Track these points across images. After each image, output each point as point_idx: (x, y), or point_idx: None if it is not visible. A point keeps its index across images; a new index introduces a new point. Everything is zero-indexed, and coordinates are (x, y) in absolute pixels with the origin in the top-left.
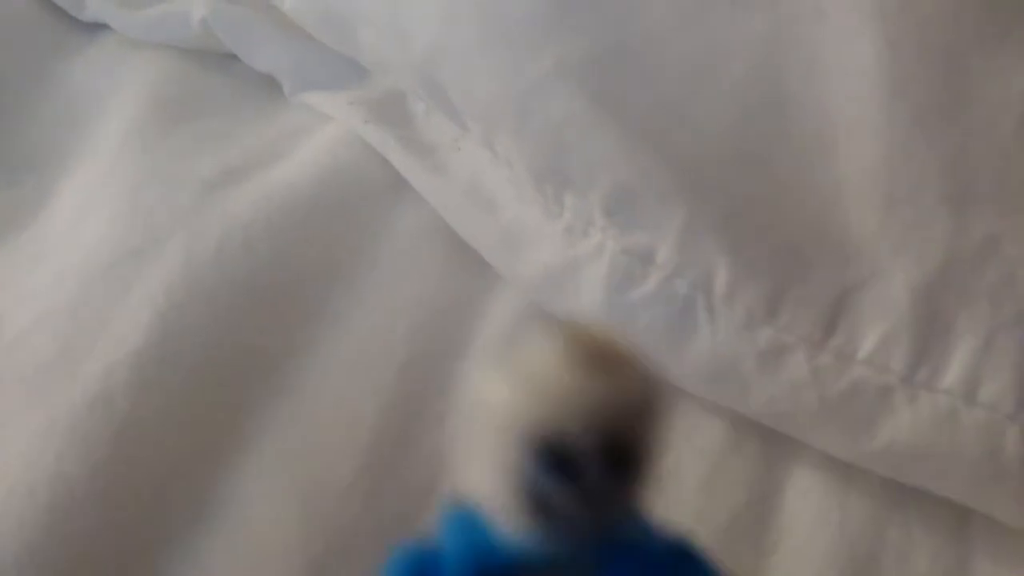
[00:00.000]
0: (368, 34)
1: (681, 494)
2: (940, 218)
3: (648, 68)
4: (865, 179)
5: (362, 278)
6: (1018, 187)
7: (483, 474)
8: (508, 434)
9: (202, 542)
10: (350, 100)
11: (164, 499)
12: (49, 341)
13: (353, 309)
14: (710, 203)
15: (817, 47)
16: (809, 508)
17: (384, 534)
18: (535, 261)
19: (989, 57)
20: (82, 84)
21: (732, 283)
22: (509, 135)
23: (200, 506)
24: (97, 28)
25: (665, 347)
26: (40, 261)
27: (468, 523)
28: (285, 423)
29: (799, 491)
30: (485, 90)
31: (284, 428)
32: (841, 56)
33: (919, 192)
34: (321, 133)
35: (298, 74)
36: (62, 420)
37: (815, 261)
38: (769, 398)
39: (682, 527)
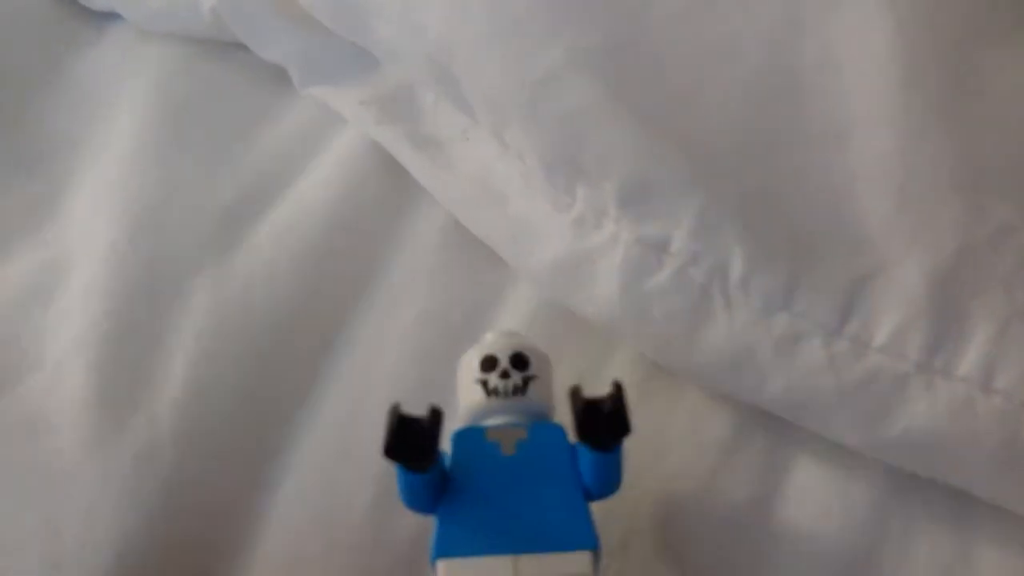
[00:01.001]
0: (380, 24)
1: (685, 487)
2: (954, 206)
3: (661, 58)
4: (879, 168)
5: (378, 292)
6: None
7: (465, 391)
8: (471, 362)
9: (244, 567)
10: (361, 99)
11: (211, 539)
12: (85, 381)
13: (370, 327)
14: (724, 191)
15: (830, 36)
16: (812, 500)
17: (398, 557)
18: (545, 254)
19: (1002, 45)
20: (94, 77)
21: (748, 271)
22: (520, 126)
23: (237, 545)
24: (108, 20)
25: (682, 336)
26: (58, 277)
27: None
28: (307, 457)
29: (802, 484)
30: (496, 81)
31: (307, 462)
32: (854, 45)
33: (933, 180)
34: (333, 145)
35: (308, 64)
36: (115, 474)
37: (830, 248)
38: (785, 386)
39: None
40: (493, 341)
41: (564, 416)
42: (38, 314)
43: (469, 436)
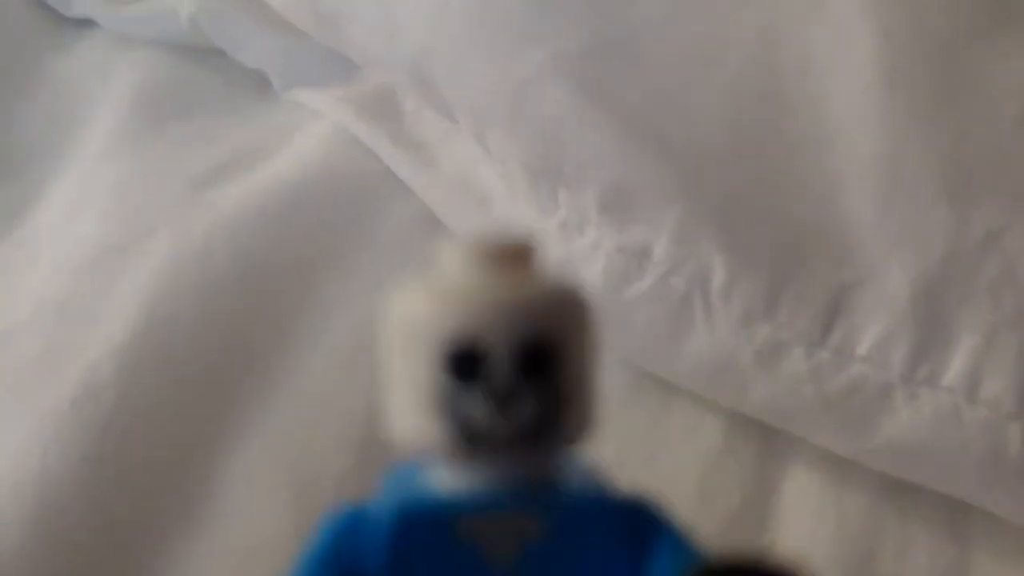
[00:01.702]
0: (358, 29)
1: (677, 493)
2: (939, 213)
3: (641, 62)
4: (862, 173)
5: (352, 270)
6: (1019, 181)
7: (405, 398)
8: (420, 345)
9: (192, 538)
10: (340, 97)
11: (152, 495)
12: (35, 338)
13: (342, 302)
14: (706, 198)
15: (813, 39)
16: (806, 506)
17: None
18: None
19: (988, 48)
20: (71, 82)
21: (729, 279)
22: (501, 131)
23: (189, 502)
24: (85, 25)
25: (663, 344)
26: (28, 262)
27: (405, 477)
28: (274, 418)
29: (796, 489)
30: (476, 85)
31: (274, 423)
32: (837, 48)
33: (917, 186)
34: (310, 129)
35: (288, 69)
36: (48, 417)
37: (813, 257)
38: (768, 395)
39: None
40: (472, 291)
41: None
42: (2, 292)
43: (421, 530)
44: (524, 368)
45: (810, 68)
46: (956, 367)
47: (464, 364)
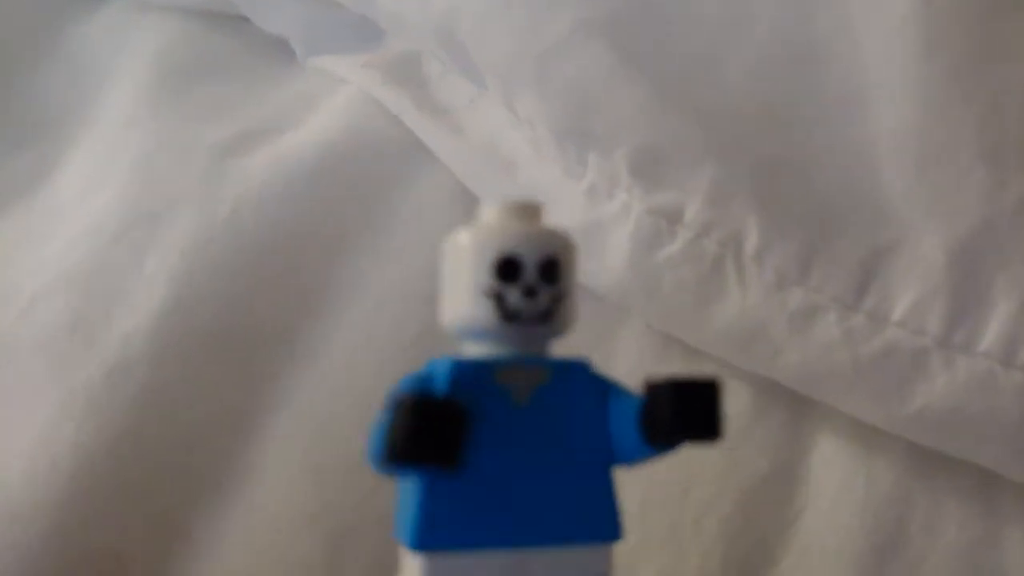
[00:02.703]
0: None
1: (703, 461)
2: (975, 177)
3: (675, 23)
4: (898, 137)
5: (378, 241)
6: None
7: (463, 295)
8: (478, 259)
9: (220, 512)
10: (364, 63)
11: (183, 469)
12: (64, 307)
13: (369, 274)
14: (739, 161)
15: (848, 2)
16: (834, 476)
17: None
18: (556, 222)
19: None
20: (91, 49)
21: (762, 242)
22: (530, 93)
23: (218, 477)
24: None
25: (692, 309)
26: (52, 228)
27: (457, 359)
28: (300, 393)
29: (824, 459)
30: (505, 47)
31: (299, 399)
32: (873, 11)
33: (954, 150)
34: (335, 98)
35: (311, 37)
36: (80, 390)
37: (847, 220)
38: (800, 361)
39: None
40: (511, 227)
41: (586, 354)
42: (24, 260)
43: (473, 374)
44: (543, 273)
45: (845, 31)
46: (992, 332)
47: (508, 269)
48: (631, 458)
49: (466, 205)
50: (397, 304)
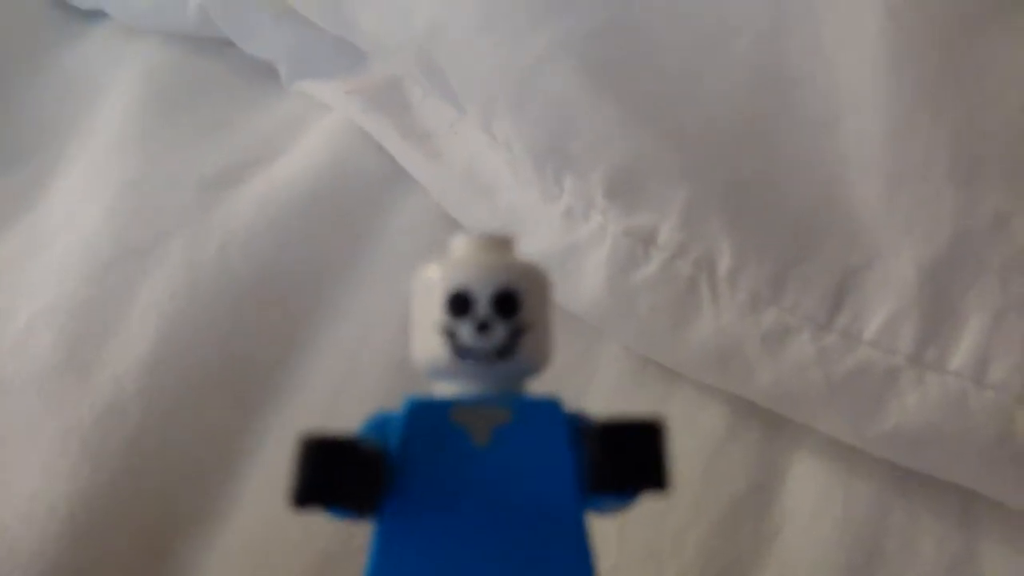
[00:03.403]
0: (366, 15)
1: (681, 480)
2: (947, 195)
3: (650, 45)
4: (870, 156)
5: (362, 270)
6: None
7: (423, 332)
8: (432, 295)
9: (214, 542)
10: (347, 89)
11: (177, 503)
12: (55, 342)
13: (353, 303)
14: (713, 182)
15: (820, 21)
16: (811, 494)
17: None
18: (534, 247)
19: (996, 29)
20: (80, 72)
21: (736, 263)
22: (508, 115)
23: (210, 508)
24: (95, 16)
25: (667, 330)
26: (38, 252)
27: (416, 398)
28: (286, 423)
29: (801, 477)
30: (484, 69)
31: (285, 428)
32: (844, 30)
33: (926, 168)
34: (319, 125)
35: (295, 60)
36: (75, 431)
37: (820, 240)
38: (774, 380)
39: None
40: (467, 261)
41: (564, 376)
42: (13, 284)
43: (426, 414)
44: (497, 307)
45: (817, 52)
46: (964, 351)
47: (458, 304)
48: (596, 506)
49: (449, 231)
50: (381, 332)
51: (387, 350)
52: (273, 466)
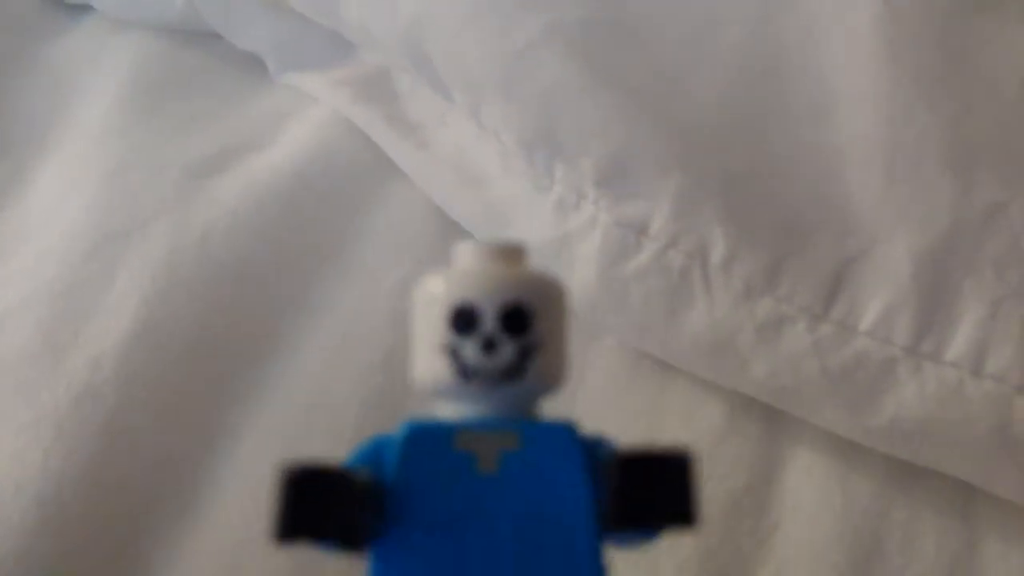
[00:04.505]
0: (352, 5)
1: None
2: (942, 185)
3: (642, 33)
4: (865, 146)
5: (347, 262)
6: (1023, 152)
7: (425, 350)
8: (434, 310)
9: (188, 533)
10: (335, 80)
11: (150, 491)
12: (33, 328)
13: (338, 294)
14: (706, 171)
15: (814, 11)
16: (811, 490)
17: None
18: (525, 237)
19: (990, 20)
20: (65, 65)
21: (729, 253)
22: (497, 104)
23: (186, 498)
24: (81, 10)
25: (661, 322)
26: (20, 242)
27: (415, 421)
28: (268, 413)
29: (800, 472)
30: (472, 58)
31: (267, 418)
32: (838, 20)
33: (921, 159)
34: (306, 116)
35: (282, 52)
36: (49, 414)
37: (815, 230)
38: (769, 372)
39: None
40: (472, 272)
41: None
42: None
43: (427, 440)
44: (505, 324)
45: (811, 41)
46: (960, 341)
47: (462, 320)
48: (615, 540)
49: (437, 223)
50: (365, 325)
51: (372, 342)
52: (253, 457)
